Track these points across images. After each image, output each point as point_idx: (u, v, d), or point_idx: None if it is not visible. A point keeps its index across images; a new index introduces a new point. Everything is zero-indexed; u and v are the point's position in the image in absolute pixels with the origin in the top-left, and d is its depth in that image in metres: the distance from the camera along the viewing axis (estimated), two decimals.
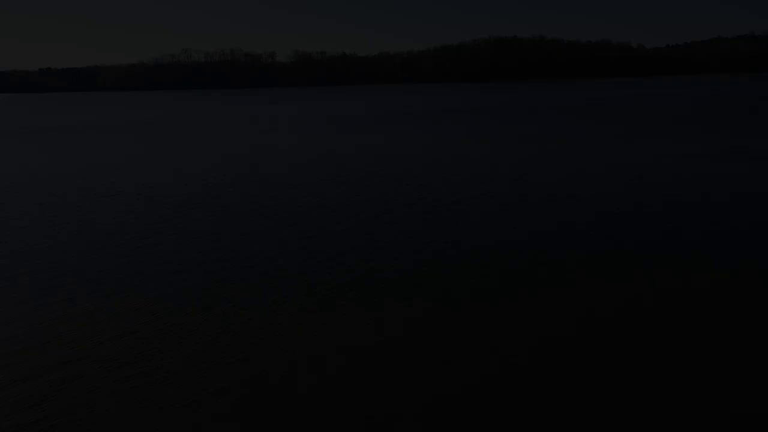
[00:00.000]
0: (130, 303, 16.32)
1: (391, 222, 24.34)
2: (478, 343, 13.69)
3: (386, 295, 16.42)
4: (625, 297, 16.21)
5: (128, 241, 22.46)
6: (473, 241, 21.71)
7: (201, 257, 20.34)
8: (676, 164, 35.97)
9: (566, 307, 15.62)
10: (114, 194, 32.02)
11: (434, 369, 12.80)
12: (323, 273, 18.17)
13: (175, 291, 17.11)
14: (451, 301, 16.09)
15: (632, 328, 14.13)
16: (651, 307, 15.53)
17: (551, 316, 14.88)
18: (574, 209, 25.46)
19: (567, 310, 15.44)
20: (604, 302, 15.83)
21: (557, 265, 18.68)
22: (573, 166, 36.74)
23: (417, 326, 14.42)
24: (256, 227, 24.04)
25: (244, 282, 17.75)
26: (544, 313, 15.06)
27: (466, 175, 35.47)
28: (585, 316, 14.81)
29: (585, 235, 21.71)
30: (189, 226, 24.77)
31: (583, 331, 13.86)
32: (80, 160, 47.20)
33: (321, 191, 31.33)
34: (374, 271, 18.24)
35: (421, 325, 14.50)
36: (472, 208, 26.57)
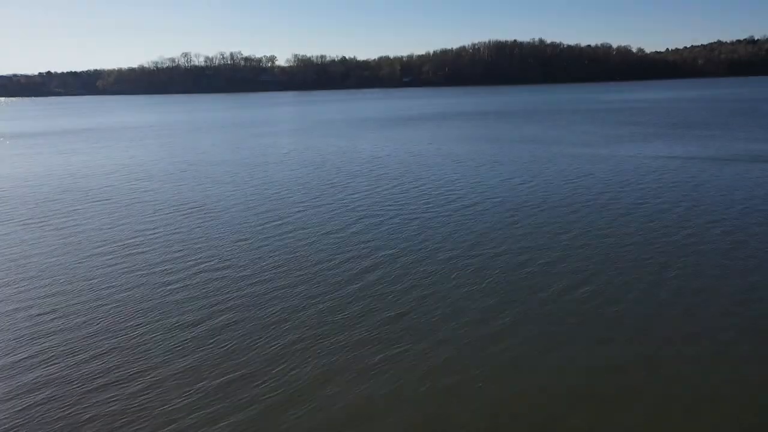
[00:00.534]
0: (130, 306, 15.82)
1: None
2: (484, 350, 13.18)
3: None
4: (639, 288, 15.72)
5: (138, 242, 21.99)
6: (478, 239, 21.39)
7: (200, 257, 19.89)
8: (678, 166, 35.43)
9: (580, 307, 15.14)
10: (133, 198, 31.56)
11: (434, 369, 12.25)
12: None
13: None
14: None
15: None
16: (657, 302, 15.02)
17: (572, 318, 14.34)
18: (576, 211, 25.00)
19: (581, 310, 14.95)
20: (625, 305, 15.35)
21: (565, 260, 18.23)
22: (575, 168, 36.18)
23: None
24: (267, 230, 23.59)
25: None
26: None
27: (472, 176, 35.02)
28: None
29: (585, 236, 21.26)
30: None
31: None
32: (85, 162, 46.73)
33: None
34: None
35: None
36: (477, 209, 26.10)
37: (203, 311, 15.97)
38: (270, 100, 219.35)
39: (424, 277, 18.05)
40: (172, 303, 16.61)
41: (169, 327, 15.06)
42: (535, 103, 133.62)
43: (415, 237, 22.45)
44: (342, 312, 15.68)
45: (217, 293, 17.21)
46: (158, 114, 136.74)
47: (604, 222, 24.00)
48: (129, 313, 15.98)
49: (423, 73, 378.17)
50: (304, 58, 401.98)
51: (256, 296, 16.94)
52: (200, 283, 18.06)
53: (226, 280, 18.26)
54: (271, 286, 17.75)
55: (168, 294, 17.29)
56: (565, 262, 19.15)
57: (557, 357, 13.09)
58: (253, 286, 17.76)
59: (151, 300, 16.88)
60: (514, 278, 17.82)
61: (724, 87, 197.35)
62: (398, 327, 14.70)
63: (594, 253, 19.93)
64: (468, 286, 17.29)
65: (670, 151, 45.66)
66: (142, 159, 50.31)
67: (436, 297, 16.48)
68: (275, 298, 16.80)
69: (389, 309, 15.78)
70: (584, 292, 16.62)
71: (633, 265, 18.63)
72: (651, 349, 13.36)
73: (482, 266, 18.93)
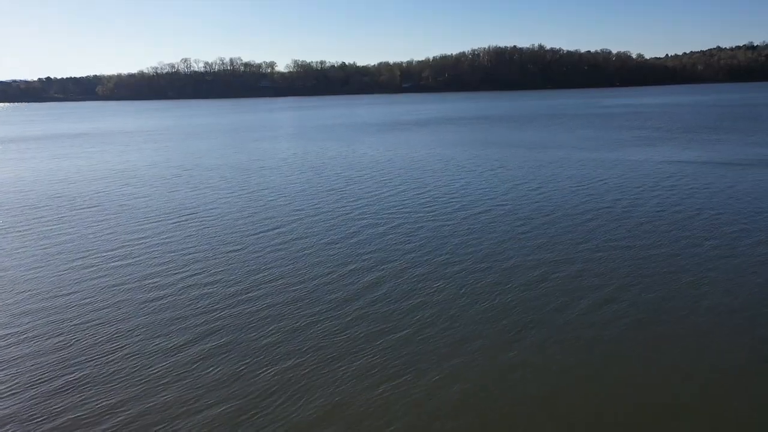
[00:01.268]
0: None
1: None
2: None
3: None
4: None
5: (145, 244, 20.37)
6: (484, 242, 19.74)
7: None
8: (693, 171, 33.92)
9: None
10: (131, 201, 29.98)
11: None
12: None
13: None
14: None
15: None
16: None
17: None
18: (592, 219, 23.38)
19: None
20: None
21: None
22: (585, 173, 34.64)
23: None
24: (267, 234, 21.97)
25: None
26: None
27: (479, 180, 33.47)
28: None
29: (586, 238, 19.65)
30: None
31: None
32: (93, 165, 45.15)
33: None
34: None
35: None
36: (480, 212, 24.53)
37: (189, 333, 14.38)
38: (269, 105, 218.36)
39: (432, 295, 16.48)
40: (155, 324, 15.02)
41: (150, 352, 13.47)
42: (535, 108, 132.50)
43: (422, 248, 20.89)
44: (342, 334, 14.10)
45: (206, 312, 15.62)
46: (157, 119, 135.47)
47: (625, 231, 22.45)
48: (106, 336, 14.39)
49: (423, 79, 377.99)
50: (303, 63, 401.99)
51: (249, 316, 15.36)
52: (187, 301, 16.47)
53: (216, 297, 16.68)
54: (266, 303, 16.17)
55: (151, 313, 15.71)
56: (586, 276, 17.59)
57: (589, 389, 11.51)
58: (245, 303, 16.18)
59: (131, 320, 15.29)
60: (530, 296, 16.25)
61: (724, 92, 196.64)
62: (406, 353, 13.12)
63: (617, 267, 18.37)
64: (481, 304, 15.72)
65: (680, 155, 44.24)
66: (136, 164, 48.80)
67: (446, 318, 14.91)
68: (270, 317, 15.21)
69: (395, 331, 14.20)
70: (611, 312, 15.05)
71: (661, 281, 17.07)
72: (699, 377, 11.78)
73: (495, 281, 17.37)
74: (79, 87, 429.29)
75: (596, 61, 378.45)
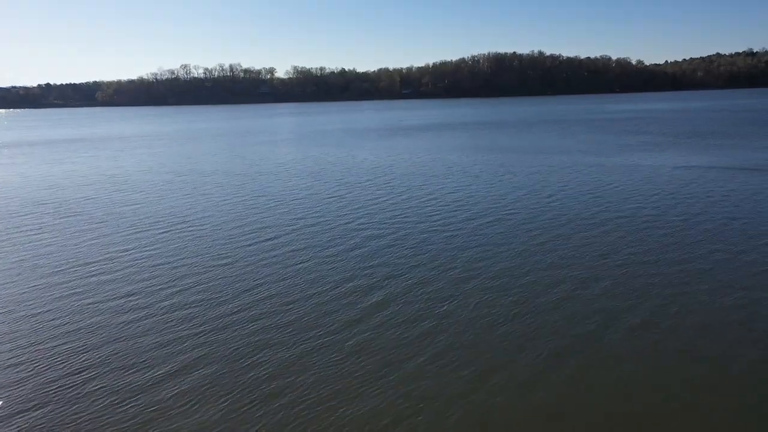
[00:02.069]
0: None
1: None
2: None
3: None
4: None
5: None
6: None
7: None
8: (708, 176, 32.12)
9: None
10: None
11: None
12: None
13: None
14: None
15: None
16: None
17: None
18: (604, 225, 21.60)
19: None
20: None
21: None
22: (595, 179, 32.88)
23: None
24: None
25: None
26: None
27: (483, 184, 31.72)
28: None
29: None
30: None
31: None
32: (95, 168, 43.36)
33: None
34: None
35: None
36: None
37: (170, 364, 12.56)
38: (269, 111, 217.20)
39: (444, 318, 14.68)
40: (132, 353, 13.20)
41: (125, 388, 11.64)
42: (536, 113, 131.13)
43: (430, 262, 19.10)
44: (344, 366, 12.28)
45: (190, 339, 13.79)
46: (155, 124, 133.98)
47: (653, 244, 20.65)
48: (76, 368, 12.56)
49: (422, 85, 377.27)
50: (303, 70, 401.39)
51: (237, 343, 13.54)
52: (169, 325, 14.66)
53: (202, 320, 14.86)
54: (256, 328, 14.36)
55: (128, 339, 13.89)
56: (616, 295, 15.80)
57: (616, 419, 9.71)
58: (234, 327, 14.36)
59: (105, 347, 13.47)
60: (555, 318, 14.46)
61: (725, 98, 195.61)
62: (418, 391, 11.31)
63: (649, 285, 16.57)
64: (500, 329, 13.92)
65: (695, 160, 42.56)
66: (128, 169, 47.07)
67: (462, 346, 13.11)
68: (261, 345, 13.39)
69: (404, 364, 12.39)
70: (650, 340, 13.25)
71: (704, 303, 15.26)
72: (746, 405, 9.98)
73: (514, 301, 15.58)
74: (78, 93, 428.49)
75: (596, 68, 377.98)
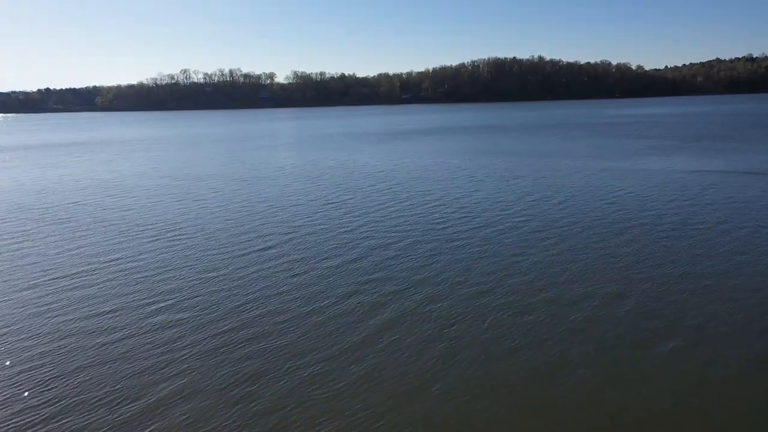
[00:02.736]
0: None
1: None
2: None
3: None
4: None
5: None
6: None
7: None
8: (724, 181, 30.86)
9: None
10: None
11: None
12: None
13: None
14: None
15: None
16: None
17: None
18: (622, 233, 20.26)
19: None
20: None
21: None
22: (604, 183, 31.59)
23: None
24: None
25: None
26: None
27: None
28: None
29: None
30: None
31: None
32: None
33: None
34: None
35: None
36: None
37: (148, 390, 11.21)
38: (268, 115, 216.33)
39: (452, 335, 13.33)
40: (106, 373, 11.85)
41: (92, 424, 10.29)
42: (537, 118, 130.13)
43: (439, 275, 17.76)
44: (345, 396, 10.93)
45: (173, 361, 12.41)
46: (154, 128, 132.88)
47: (669, 250, 19.34)
48: (43, 388, 11.22)
49: (422, 90, 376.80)
50: (303, 75, 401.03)
51: (226, 365, 12.19)
52: (150, 342, 13.30)
53: (186, 341, 13.49)
54: (248, 350, 12.99)
55: (104, 357, 12.54)
56: (635, 309, 14.48)
57: None
58: (222, 348, 13.00)
59: (79, 365, 12.12)
60: (571, 332, 13.13)
61: (726, 103, 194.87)
62: (429, 425, 9.95)
63: (669, 296, 15.25)
64: (514, 350, 12.58)
65: (703, 164, 41.31)
66: (122, 173, 45.78)
67: (471, 370, 11.76)
68: (253, 370, 12.02)
69: (412, 397, 11.03)
70: (693, 369, 11.91)
71: (730, 315, 13.95)
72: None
73: (527, 316, 14.24)
74: (78, 98, 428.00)
75: (596, 73, 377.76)
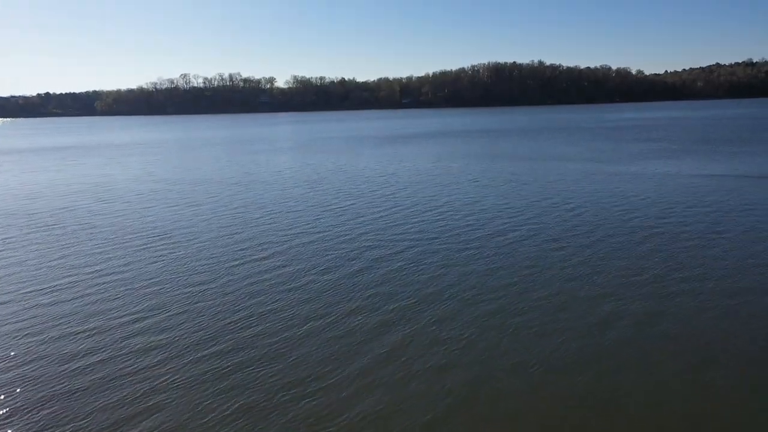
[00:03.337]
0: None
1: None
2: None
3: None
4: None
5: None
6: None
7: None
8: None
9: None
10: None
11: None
12: None
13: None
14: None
15: None
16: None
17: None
18: (643, 242, 19.07)
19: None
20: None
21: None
22: (615, 188, 30.40)
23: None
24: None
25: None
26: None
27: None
28: None
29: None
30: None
31: None
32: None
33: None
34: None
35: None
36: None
37: (122, 413, 10.00)
38: (268, 120, 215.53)
39: (463, 355, 12.13)
40: (76, 405, 10.64)
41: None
42: (538, 122, 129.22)
43: (443, 282, 16.57)
44: (343, 423, 9.70)
45: (151, 392, 11.18)
46: (153, 133, 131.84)
47: (692, 258, 18.16)
48: (8, 415, 9.99)
49: (422, 95, 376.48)
50: (303, 79, 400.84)
51: (212, 398, 10.97)
52: (129, 368, 12.09)
53: (168, 367, 12.28)
54: (237, 379, 11.79)
55: (75, 386, 11.34)
56: (664, 327, 13.27)
57: None
58: (208, 376, 11.79)
59: (47, 395, 10.92)
60: (594, 359, 11.92)
61: (727, 108, 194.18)
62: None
63: (704, 309, 14.06)
64: (532, 372, 11.37)
65: (713, 168, 40.18)
66: (115, 178, 44.60)
67: (490, 394, 10.54)
68: (244, 407, 10.82)
69: (417, 419, 9.81)
70: (718, 383, 10.70)
71: (754, 325, 12.75)
72: None
73: (551, 339, 13.04)
74: (78, 102, 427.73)
75: (596, 77, 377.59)
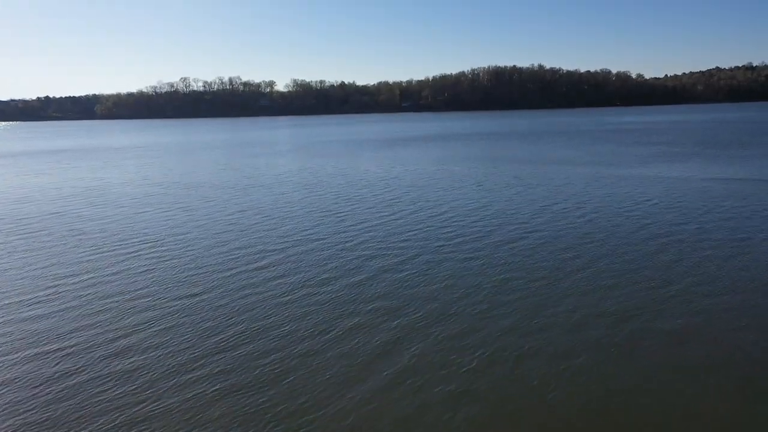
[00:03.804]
0: None
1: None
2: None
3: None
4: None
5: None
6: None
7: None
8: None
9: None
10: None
11: None
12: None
13: None
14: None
15: None
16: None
17: None
18: (664, 251, 17.92)
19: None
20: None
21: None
22: (626, 192, 29.32)
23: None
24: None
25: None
26: None
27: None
28: None
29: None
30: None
31: None
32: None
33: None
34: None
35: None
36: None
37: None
38: (268, 123, 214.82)
39: (472, 372, 10.99)
40: (47, 426, 9.48)
41: None
42: (539, 125, 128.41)
43: (449, 293, 15.44)
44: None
45: (130, 406, 10.06)
46: (153, 136, 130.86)
47: (714, 266, 17.04)
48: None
49: (422, 98, 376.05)
50: (303, 83, 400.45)
51: (192, 415, 9.82)
52: (109, 385, 10.95)
53: (150, 381, 11.15)
54: (223, 400, 10.65)
55: (49, 407, 10.19)
56: (680, 339, 12.15)
57: None
58: (190, 391, 10.64)
59: (14, 413, 9.75)
60: (618, 375, 10.79)
61: (727, 111, 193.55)
62: None
63: (729, 323, 12.93)
64: (543, 391, 10.23)
65: (725, 172, 39.11)
66: (109, 181, 43.49)
67: (497, 414, 9.41)
68: (227, 419, 9.67)
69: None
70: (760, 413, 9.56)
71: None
72: None
73: (561, 349, 11.91)
74: (77, 106, 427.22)
75: (596, 81, 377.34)
